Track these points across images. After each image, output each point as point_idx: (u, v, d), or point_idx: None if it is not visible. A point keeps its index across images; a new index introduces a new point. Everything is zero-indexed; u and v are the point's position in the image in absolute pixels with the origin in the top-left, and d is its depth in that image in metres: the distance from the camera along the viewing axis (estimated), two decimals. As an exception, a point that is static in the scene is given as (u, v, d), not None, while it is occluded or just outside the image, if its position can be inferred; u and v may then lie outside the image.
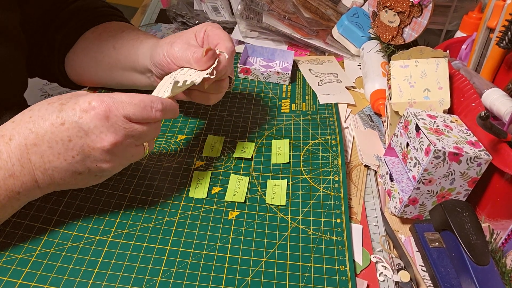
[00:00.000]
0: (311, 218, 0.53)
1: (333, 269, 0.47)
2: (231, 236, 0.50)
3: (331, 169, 0.59)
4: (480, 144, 0.52)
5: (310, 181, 0.58)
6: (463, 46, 0.70)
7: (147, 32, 0.67)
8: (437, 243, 0.51)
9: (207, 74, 0.51)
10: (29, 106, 0.68)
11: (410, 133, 0.55)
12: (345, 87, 0.78)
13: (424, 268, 0.51)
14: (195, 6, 0.95)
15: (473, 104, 0.57)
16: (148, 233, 0.49)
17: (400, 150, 0.58)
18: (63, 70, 0.69)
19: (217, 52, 0.54)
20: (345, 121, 0.71)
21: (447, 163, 0.50)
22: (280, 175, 0.58)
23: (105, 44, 0.64)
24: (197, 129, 0.65)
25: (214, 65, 0.52)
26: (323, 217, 0.53)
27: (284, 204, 0.54)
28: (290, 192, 0.56)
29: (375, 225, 0.55)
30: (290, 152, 0.62)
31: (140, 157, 0.49)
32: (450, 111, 0.61)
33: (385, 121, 0.69)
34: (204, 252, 0.48)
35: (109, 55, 0.63)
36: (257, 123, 0.67)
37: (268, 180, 0.57)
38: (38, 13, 0.65)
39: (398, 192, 0.55)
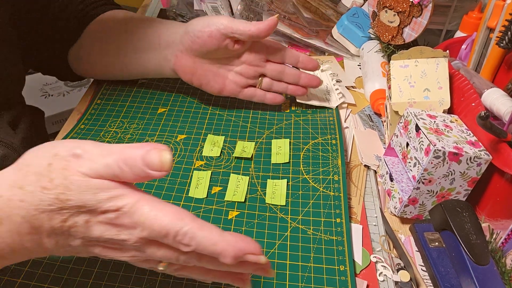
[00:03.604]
0: (311, 218, 0.53)
1: (333, 269, 0.47)
2: (231, 236, 0.50)
3: (331, 169, 0.59)
4: (480, 144, 0.52)
5: (310, 181, 0.58)
6: (463, 46, 0.69)
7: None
8: (437, 243, 0.51)
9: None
10: (28, 105, 0.68)
11: (410, 133, 0.55)
12: (345, 87, 0.78)
13: (424, 268, 0.51)
14: (195, 6, 0.95)
15: (473, 104, 0.57)
16: (148, 233, 0.49)
17: (400, 150, 0.58)
18: (67, 64, 0.69)
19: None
20: (345, 121, 0.71)
21: (447, 163, 0.50)
22: (280, 175, 0.58)
23: (114, 31, 0.65)
24: (197, 129, 0.65)
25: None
26: (323, 217, 0.53)
27: (284, 204, 0.54)
28: (290, 192, 0.56)
29: (375, 225, 0.55)
30: (290, 152, 0.62)
31: None
32: (450, 111, 0.61)
33: (385, 121, 0.69)
34: (204, 252, 0.48)
35: (120, 39, 0.65)
36: (257, 123, 0.67)
37: (268, 180, 0.57)
38: (28, 7, 0.64)
39: (398, 192, 0.55)
